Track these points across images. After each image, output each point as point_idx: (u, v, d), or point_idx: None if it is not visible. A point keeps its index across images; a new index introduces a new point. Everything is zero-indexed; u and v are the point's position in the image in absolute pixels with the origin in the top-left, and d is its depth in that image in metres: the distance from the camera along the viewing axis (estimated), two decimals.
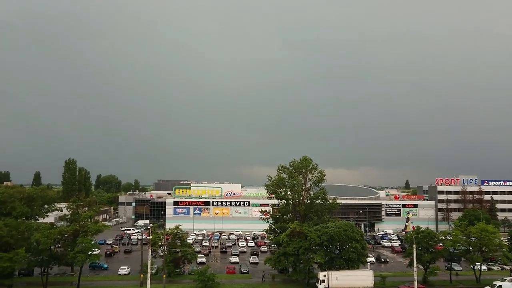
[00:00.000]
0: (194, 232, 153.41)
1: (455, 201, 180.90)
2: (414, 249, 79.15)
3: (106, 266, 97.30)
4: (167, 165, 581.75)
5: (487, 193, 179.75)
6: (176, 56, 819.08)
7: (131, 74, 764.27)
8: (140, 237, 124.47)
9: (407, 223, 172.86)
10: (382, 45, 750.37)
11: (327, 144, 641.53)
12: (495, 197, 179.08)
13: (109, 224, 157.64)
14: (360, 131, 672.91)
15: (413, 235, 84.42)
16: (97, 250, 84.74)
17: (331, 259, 79.67)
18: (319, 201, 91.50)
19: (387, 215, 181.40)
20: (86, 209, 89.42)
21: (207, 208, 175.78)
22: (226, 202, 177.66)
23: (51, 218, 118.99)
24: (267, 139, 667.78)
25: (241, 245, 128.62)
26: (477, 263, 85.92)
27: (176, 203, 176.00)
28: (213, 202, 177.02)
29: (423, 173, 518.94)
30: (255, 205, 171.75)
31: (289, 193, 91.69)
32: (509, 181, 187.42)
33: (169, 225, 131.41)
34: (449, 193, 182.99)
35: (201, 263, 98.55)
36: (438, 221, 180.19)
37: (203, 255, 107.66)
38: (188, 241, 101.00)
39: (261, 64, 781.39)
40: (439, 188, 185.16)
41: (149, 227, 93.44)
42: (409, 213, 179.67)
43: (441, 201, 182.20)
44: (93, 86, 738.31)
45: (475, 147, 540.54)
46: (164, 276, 78.09)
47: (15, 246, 74.51)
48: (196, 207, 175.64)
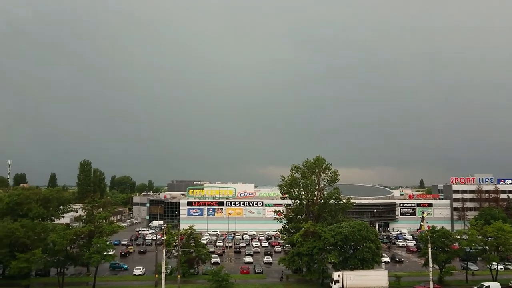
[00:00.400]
0: (208, 232, 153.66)
1: (471, 200, 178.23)
2: (429, 248, 78.38)
3: (126, 266, 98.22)
4: (181, 166, 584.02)
5: (503, 192, 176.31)
6: (196, 64, 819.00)
7: (138, 74, 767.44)
8: (154, 238, 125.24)
9: (422, 223, 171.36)
10: (400, 41, 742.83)
11: (341, 143, 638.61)
12: None
13: (123, 224, 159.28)
14: (373, 130, 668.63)
15: (428, 234, 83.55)
16: (112, 250, 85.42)
17: (345, 259, 79.37)
18: (332, 201, 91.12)
19: (402, 214, 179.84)
20: (101, 210, 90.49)
21: (220, 208, 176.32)
22: (239, 202, 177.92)
23: (66, 219, 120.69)
24: (280, 139, 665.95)
25: (255, 245, 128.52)
26: (493, 263, 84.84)
27: (190, 204, 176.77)
28: (226, 202, 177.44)
29: (437, 172, 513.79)
30: (268, 205, 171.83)
31: (302, 193, 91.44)
32: None
33: (183, 226, 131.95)
34: (464, 192, 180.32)
35: (215, 263, 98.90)
36: (453, 220, 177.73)
37: (217, 256, 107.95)
38: (202, 242, 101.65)
39: (272, 64, 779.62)
40: (454, 187, 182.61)
41: (163, 228, 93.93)
42: (424, 213, 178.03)
43: (457, 200, 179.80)
44: (107, 88, 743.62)
45: (491, 146, 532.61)
46: (178, 276, 78.68)
47: (31, 247, 75.97)
48: (209, 207, 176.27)
